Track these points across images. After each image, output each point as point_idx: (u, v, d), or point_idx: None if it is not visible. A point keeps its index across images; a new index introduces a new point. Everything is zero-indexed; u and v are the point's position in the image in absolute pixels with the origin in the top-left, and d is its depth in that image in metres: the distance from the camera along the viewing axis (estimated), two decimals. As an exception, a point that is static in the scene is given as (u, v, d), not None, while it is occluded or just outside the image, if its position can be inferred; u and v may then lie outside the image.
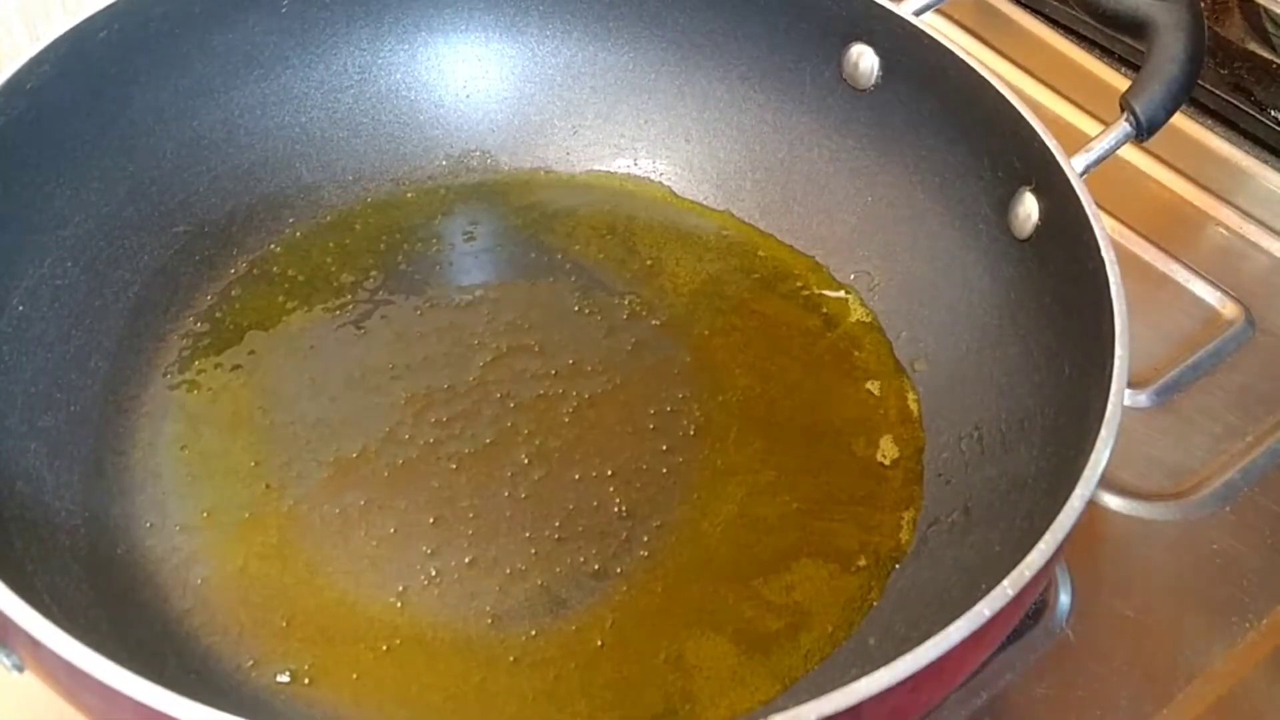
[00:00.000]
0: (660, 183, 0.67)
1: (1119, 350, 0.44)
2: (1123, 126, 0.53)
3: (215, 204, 0.61)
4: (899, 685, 0.35)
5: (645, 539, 0.52)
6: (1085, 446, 0.42)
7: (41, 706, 0.47)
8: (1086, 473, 0.41)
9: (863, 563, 0.52)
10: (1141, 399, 0.61)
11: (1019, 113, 0.53)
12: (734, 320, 0.61)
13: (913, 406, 0.57)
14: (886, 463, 0.55)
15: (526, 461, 0.55)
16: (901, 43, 0.59)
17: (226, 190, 0.62)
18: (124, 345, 0.56)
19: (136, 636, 0.47)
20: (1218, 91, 0.72)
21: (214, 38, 0.60)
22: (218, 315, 0.59)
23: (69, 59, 0.53)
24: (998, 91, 0.54)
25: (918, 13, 0.59)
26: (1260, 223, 0.70)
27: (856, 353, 0.60)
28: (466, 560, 0.51)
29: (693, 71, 0.66)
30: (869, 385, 0.58)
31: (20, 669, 0.39)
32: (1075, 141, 0.53)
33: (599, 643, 0.49)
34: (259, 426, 0.55)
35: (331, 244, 0.63)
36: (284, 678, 0.47)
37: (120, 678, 0.35)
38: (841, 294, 0.62)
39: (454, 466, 0.54)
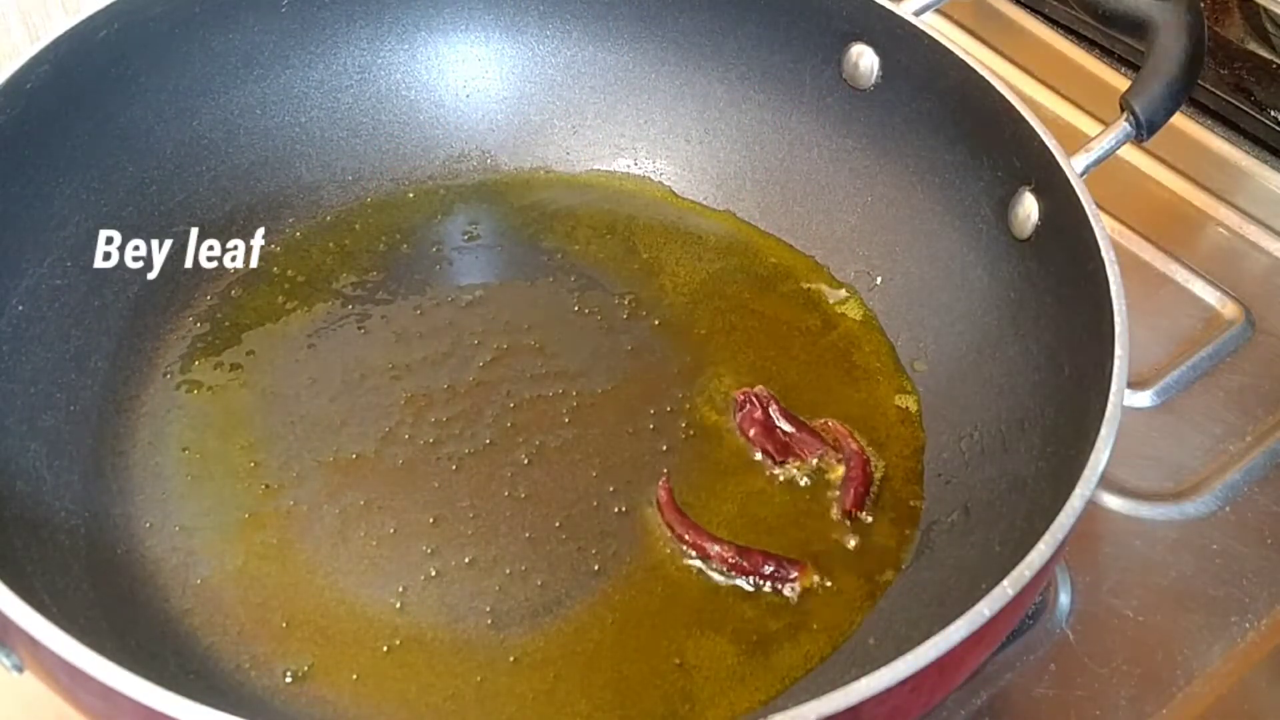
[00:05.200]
0: (660, 182, 0.67)
1: (1119, 350, 0.44)
2: (1123, 126, 0.53)
3: (215, 204, 0.61)
4: (899, 685, 0.35)
5: (646, 539, 0.52)
6: (1085, 446, 0.42)
7: (41, 706, 0.47)
8: (1086, 473, 0.41)
9: (862, 563, 0.52)
10: (1141, 399, 0.61)
11: (1019, 113, 0.53)
12: (734, 320, 0.61)
13: (913, 406, 0.57)
14: (886, 463, 0.55)
15: (526, 461, 0.55)
16: (901, 43, 0.59)
17: (226, 190, 0.62)
18: (124, 345, 0.56)
19: (136, 636, 0.47)
20: (1218, 91, 0.72)
21: (214, 38, 0.60)
22: (218, 315, 0.59)
23: (69, 59, 0.54)
24: (998, 91, 0.54)
25: (918, 13, 0.59)
26: (1260, 223, 0.70)
27: (856, 353, 0.60)
28: (466, 560, 0.51)
29: (693, 71, 0.66)
30: (869, 385, 0.58)
31: (20, 669, 0.39)
32: (1075, 141, 0.53)
33: (599, 643, 0.49)
34: (259, 426, 0.55)
35: (331, 244, 0.63)
36: (284, 678, 0.47)
37: (120, 678, 0.35)
38: (841, 294, 0.62)
39: (454, 467, 0.54)
